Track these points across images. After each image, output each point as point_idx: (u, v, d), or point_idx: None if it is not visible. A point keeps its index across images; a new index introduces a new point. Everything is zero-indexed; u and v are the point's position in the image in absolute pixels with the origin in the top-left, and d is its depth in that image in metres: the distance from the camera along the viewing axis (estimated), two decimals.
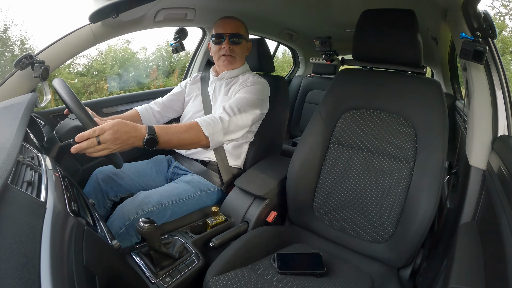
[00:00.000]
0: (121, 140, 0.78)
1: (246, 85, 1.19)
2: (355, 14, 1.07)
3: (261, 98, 1.18)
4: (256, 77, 1.24)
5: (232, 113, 1.07)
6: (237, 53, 1.22)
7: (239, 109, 1.09)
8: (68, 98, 0.82)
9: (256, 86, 1.19)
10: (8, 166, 0.47)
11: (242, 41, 1.22)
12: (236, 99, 1.13)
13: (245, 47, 1.27)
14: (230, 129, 1.05)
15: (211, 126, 0.99)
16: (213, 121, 1.01)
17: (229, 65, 1.24)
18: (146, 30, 1.39)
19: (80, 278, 0.43)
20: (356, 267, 0.95)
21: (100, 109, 1.47)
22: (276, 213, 1.14)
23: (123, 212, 0.96)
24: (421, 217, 0.88)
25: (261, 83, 1.21)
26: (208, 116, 1.03)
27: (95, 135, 0.74)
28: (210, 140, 0.99)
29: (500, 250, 0.55)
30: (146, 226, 0.75)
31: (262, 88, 1.20)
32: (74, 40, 1.16)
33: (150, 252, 0.82)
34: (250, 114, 1.13)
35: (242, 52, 1.25)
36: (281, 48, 3.00)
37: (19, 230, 0.40)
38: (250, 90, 1.17)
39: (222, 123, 1.02)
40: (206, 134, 0.97)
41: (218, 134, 1.00)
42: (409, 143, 0.97)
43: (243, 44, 1.24)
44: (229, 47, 1.20)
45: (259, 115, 1.19)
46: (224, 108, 1.08)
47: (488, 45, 0.87)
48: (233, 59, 1.23)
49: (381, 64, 1.13)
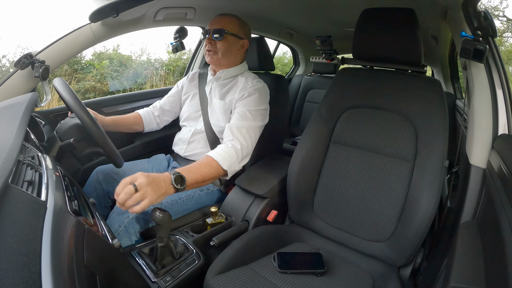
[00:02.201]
0: (156, 183, 0.75)
1: (245, 95, 1.14)
2: (355, 13, 1.07)
3: (263, 108, 1.15)
4: (255, 81, 1.19)
5: (243, 139, 1.07)
6: (218, 49, 1.15)
7: (247, 131, 1.08)
8: (68, 97, 0.82)
9: (256, 95, 1.14)
10: (8, 165, 0.47)
11: (225, 37, 1.14)
12: (240, 119, 1.10)
13: (232, 43, 1.18)
14: (244, 156, 1.07)
15: (227, 160, 1.00)
16: (228, 154, 1.01)
17: (212, 61, 1.20)
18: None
19: (81, 277, 0.43)
20: (356, 266, 0.95)
21: (100, 108, 1.48)
22: (276, 212, 1.14)
23: (122, 211, 0.95)
24: (421, 216, 0.88)
25: (260, 90, 1.16)
26: (222, 149, 1.03)
27: (129, 182, 0.72)
28: (229, 172, 1.01)
29: (501, 249, 0.55)
30: (161, 214, 0.76)
31: (263, 95, 1.17)
32: (74, 39, 1.15)
33: (157, 244, 0.82)
34: (257, 131, 1.13)
35: (226, 49, 1.16)
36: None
37: (19, 230, 0.40)
38: (252, 102, 1.13)
39: (237, 154, 1.04)
40: (225, 168, 0.99)
41: (234, 164, 1.03)
42: (409, 142, 0.97)
43: (228, 40, 1.16)
44: (210, 42, 1.16)
45: (264, 125, 1.17)
46: (233, 134, 1.07)
47: (488, 44, 0.87)
48: (215, 55, 1.17)
49: (382, 63, 1.12)
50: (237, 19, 1.19)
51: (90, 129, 0.84)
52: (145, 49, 6.14)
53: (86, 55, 5.13)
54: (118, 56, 5.47)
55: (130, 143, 1.55)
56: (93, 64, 5.07)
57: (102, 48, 5.39)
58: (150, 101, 1.48)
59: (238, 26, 1.18)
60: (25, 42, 5.09)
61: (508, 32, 7.40)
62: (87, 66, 5.02)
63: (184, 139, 1.26)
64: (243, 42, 1.21)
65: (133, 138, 1.55)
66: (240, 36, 1.19)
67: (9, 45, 5.23)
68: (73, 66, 4.87)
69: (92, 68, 5.00)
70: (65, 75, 4.71)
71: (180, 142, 1.28)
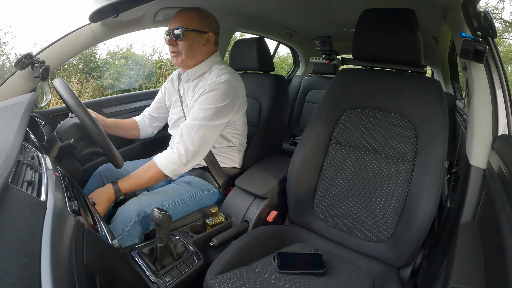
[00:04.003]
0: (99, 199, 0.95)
1: (204, 92, 1.07)
2: (355, 14, 1.07)
3: (222, 105, 1.06)
4: (218, 77, 1.09)
5: (190, 142, 1.02)
6: (181, 49, 1.08)
7: (196, 132, 1.03)
8: (67, 97, 0.82)
9: (214, 92, 1.06)
10: (8, 165, 0.47)
11: (185, 35, 1.05)
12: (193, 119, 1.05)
13: (195, 40, 1.08)
14: (190, 159, 1.04)
15: (169, 166, 1.02)
16: (171, 160, 1.02)
17: (178, 63, 1.12)
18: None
19: (81, 278, 0.43)
20: (356, 266, 0.95)
21: (100, 108, 1.48)
22: (276, 212, 1.14)
23: (125, 215, 0.96)
24: (421, 217, 0.88)
25: (221, 86, 1.07)
26: (166, 154, 1.04)
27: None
28: (173, 176, 1.05)
29: (500, 249, 0.55)
30: (161, 215, 0.77)
31: (225, 91, 1.07)
32: (74, 39, 1.16)
33: (157, 244, 0.82)
34: (213, 130, 1.07)
35: (188, 48, 1.08)
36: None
37: (19, 230, 0.40)
38: (209, 100, 1.05)
39: (180, 158, 1.02)
40: (167, 173, 1.03)
41: (178, 169, 1.04)
42: (409, 143, 0.97)
43: (189, 37, 1.07)
44: (172, 43, 1.08)
45: (224, 124, 1.10)
46: (181, 136, 1.03)
47: (488, 44, 0.87)
48: (179, 56, 1.10)
49: (381, 64, 1.12)
50: (196, 11, 1.09)
51: (90, 129, 0.84)
52: (157, 48, 6.24)
53: (101, 54, 5.25)
54: (132, 55, 5.55)
55: (130, 143, 1.55)
56: (109, 63, 5.15)
57: (116, 47, 5.51)
58: (150, 101, 1.47)
59: (198, 19, 1.08)
60: (42, 40, 5.17)
61: (505, 33, 7.43)
62: (103, 64, 5.10)
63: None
64: (208, 36, 1.11)
65: (133, 138, 1.56)
66: (202, 30, 1.09)
67: (26, 43, 5.31)
68: (89, 65, 4.97)
69: (109, 66, 5.09)
70: (83, 73, 4.79)
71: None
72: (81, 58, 5.01)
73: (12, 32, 5.24)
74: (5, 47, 5.10)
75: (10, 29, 5.34)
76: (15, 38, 5.24)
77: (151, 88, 4.25)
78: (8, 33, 5.13)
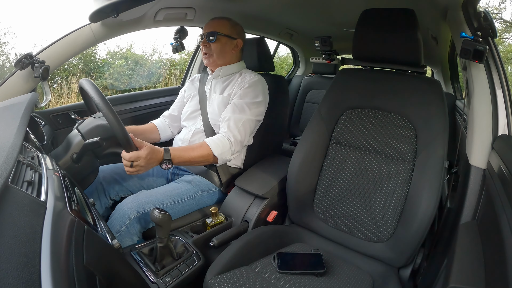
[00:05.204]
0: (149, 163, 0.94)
1: (243, 87, 1.19)
2: (355, 14, 1.07)
3: (260, 100, 1.19)
4: (252, 75, 1.24)
5: (237, 132, 1.12)
6: (213, 51, 1.21)
7: (243, 124, 1.14)
8: (97, 98, 0.83)
9: (253, 87, 1.19)
10: (8, 165, 0.47)
11: (218, 38, 1.20)
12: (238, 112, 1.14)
13: (226, 44, 1.22)
14: (236, 149, 1.14)
15: (220, 147, 1.08)
16: (222, 142, 1.10)
17: (209, 63, 1.25)
18: None
19: (80, 278, 0.43)
20: (356, 266, 0.95)
21: None
22: (276, 212, 1.14)
23: (124, 211, 0.96)
24: (421, 217, 0.88)
25: (257, 82, 1.21)
26: (217, 137, 1.11)
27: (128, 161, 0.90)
28: (219, 159, 1.09)
29: (500, 249, 0.55)
30: (161, 215, 0.78)
31: (260, 87, 1.21)
32: (74, 39, 1.15)
33: (157, 244, 0.82)
34: (253, 124, 1.18)
35: (220, 49, 1.22)
36: None
37: (19, 230, 0.40)
38: (249, 94, 1.17)
39: (230, 144, 1.11)
40: (216, 154, 1.07)
41: (226, 153, 1.10)
42: (409, 143, 0.97)
43: (221, 41, 1.21)
44: (205, 45, 1.21)
45: (260, 119, 1.22)
46: (229, 127, 1.12)
47: (488, 44, 0.87)
48: (211, 57, 1.23)
49: (381, 64, 1.12)
50: (228, 20, 1.24)
51: (116, 130, 0.84)
52: (157, 48, 6.24)
53: (101, 54, 5.22)
54: (132, 55, 5.54)
55: None
56: (109, 62, 5.13)
57: (116, 47, 5.49)
58: (150, 101, 1.47)
59: (230, 27, 1.23)
60: (42, 40, 5.17)
61: (505, 33, 7.43)
62: (103, 64, 5.09)
63: (185, 139, 1.26)
64: (237, 42, 1.26)
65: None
66: (232, 36, 1.23)
67: (26, 43, 5.31)
68: (89, 65, 4.95)
69: (109, 66, 5.07)
70: (82, 73, 4.78)
71: (181, 142, 1.28)
72: (81, 58, 5.02)
73: (12, 32, 5.24)
74: (5, 47, 5.10)
75: (10, 29, 5.34)
76: (15, 38, 5.25)
77: (151, 88, 4.25)
78: (8, 33, 5.13)
